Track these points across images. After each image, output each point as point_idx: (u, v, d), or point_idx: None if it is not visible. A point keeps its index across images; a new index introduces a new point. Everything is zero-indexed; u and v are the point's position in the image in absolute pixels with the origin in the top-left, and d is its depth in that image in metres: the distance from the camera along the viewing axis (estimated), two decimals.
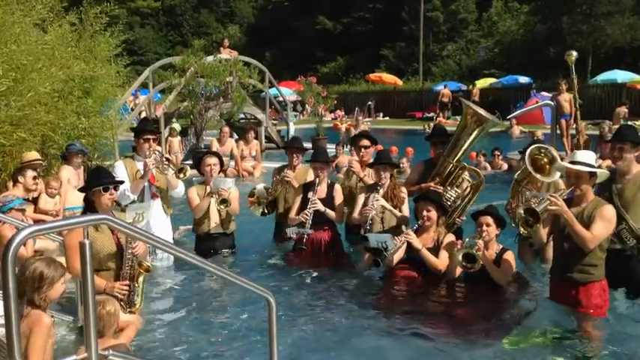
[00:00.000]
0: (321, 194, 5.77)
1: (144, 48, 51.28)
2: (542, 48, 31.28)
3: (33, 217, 6.13)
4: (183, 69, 13.04)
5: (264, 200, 6.39)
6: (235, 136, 13.63)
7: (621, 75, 25.58)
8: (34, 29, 8.08)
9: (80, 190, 4.59)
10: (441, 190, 5.43)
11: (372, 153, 6.29)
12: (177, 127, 13.69)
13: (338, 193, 5.85)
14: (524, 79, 28.30)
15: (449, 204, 5.41)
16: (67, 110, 8.16)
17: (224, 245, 5.97)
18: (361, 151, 6.18)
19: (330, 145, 13.41)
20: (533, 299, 4.90)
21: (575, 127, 10.69)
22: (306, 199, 5.71)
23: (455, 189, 5.51)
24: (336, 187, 5.93)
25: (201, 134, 13.23)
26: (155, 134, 5.89)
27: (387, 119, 30.15)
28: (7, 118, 6.79)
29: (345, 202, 5.92)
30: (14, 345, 1.89)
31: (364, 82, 37.05)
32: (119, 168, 5.72)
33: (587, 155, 4.40)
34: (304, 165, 6.40)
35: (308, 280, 5.47)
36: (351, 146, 7.12)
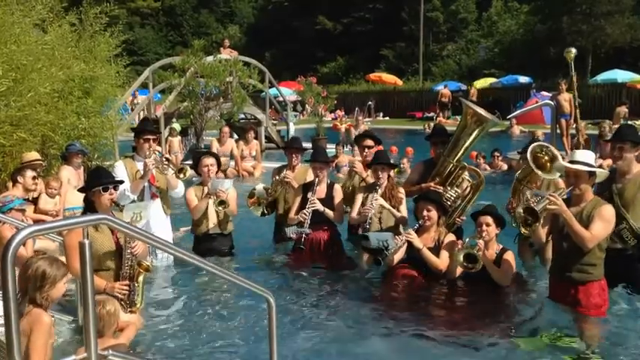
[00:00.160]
0: (321, 194, 5.76)
1: (144, 48, 51.27)
2: (542, 48, 31.29)
3: (33, 218, 6.13)
4: (183, 69, 13.05)
5: (263, 201, 6.39)
6: (235, 136, 13.62)
7: (621, 75, 25.60)
8: (33, 29, 8.07)
9: (80, 191, 4.60)
10: (441, 190, 5.43)
11: None
12: (177, 127, 13.69)
13: (337, 193, 5.84)
14: (524, 78, 28.30)
15: (449, 204, 5.41)
16: (67, 110, 8.15)
17: (222, 245, 5.97)
18: (365, 151, 6.17)
19: (330, 145, 13.43)
20: (533, 299, 4.89)
21: (575, 126, 10.72)
22: (306, 199, 5.70)
23: (455, 189, 5.51)
24: (336, 187, 5.92)
25: (201, 134, 13.25)
26: (155, 134, 5.90)
27: (387, 119, 30.14)
28: (7, 118, 6.78)
29: (348, 202, 5.90)
30: (14, 345, 1.89)
31: (364, 82, 37.03)
32: (119, 168, 5.72)
33: (586, 155, 4.40)
34: (304, 165, 6.39)
35: (308, 280, 5.47)
36: (352, 146, 7.12)
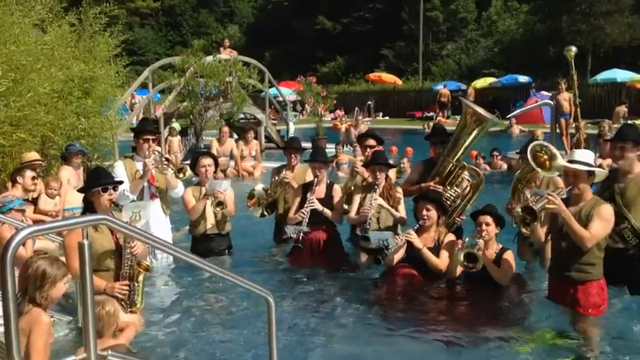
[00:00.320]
0: (320, 194, 5.76)
1: (143, 48, 51.26)
2: (541, 47, 31.28)
3: (32, 218, 6.12)
4: (182, 69, 13.04)
5: (263, 202, 6.39)
6: (235, 136, 13.62)
7: (621, 74, 25.60)
8: (33, 30, 8.07)
9: (79, 191, 4.59)
10: (441, 190, 5.43)
11: None
12: (176, 126, 13.68)
13: (337, 193, 5.84)
14: (523, 78, 28.28)
15: (449, 203, 5.41)
16: (66, 111, 8.14)
17: (220, 246, 5.98)
18: (367, 151, 6.16)
19: (330, 145, 13.43)
20: (532, 299, 4.89)
21: (575, 125, 10.71)
22: (306, 198, 5.70)
23: (455, 188, 5.51)
24: (335, 187, 5.92)
25: (201, 134, 13.24)
26: (155, 134, 5.89)
27: (387, 119, 30.12)
28: (7, 118, 6.78)
29: (350, 202, 5.90)
30: (13, 345, 1.89)
31: (364, 81, 37.00)
32: (119, 168, 5.72)
33: (585, 154, 4.40)
34: (303, 165, 6.39)
35: (307, 280, 5.47)
36: (352, 146, 7.12)
